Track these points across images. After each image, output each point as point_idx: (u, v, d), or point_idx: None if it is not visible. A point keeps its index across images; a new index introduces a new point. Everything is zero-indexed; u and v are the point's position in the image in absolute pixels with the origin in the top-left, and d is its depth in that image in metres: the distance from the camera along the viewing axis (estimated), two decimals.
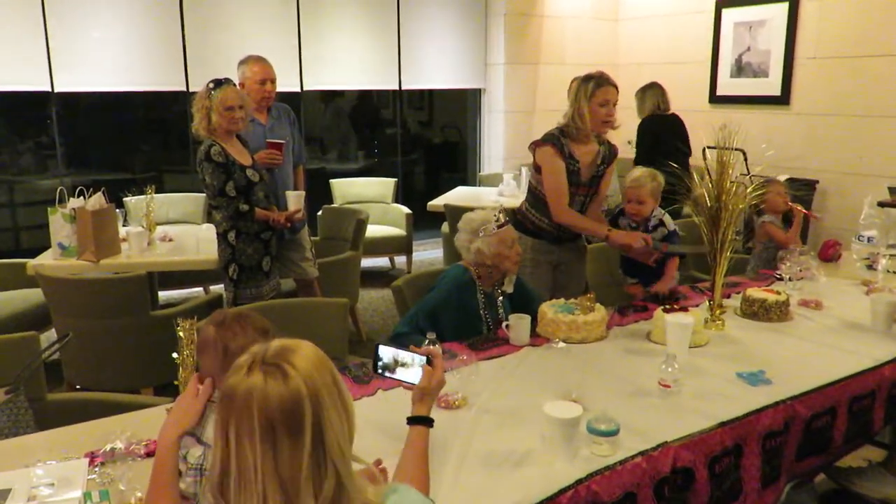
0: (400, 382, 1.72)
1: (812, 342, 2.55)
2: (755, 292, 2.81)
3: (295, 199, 3.56)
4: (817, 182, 5.74)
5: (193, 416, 1.47)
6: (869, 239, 4.08)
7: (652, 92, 5.35)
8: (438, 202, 5.46)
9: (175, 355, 1.79)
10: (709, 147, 5.95)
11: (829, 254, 3.55)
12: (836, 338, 2.59)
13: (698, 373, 2.27)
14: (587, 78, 3.13)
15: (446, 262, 5.55)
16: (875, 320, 2.64)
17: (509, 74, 7.07)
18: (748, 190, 2.63)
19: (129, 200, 4.92)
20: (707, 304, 2.72)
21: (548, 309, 2.63)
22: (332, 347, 2.51)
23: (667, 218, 3.19)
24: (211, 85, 3.23)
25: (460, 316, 2.76)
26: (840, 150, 5.68)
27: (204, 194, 5.40)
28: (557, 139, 3.16)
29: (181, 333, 1.77)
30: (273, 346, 1.13)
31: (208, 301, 3.61)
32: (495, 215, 2.81)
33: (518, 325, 2.51)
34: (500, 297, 2.90)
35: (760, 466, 2.02)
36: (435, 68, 6.94)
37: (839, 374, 2.26)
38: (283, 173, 3.84)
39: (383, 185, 6.38)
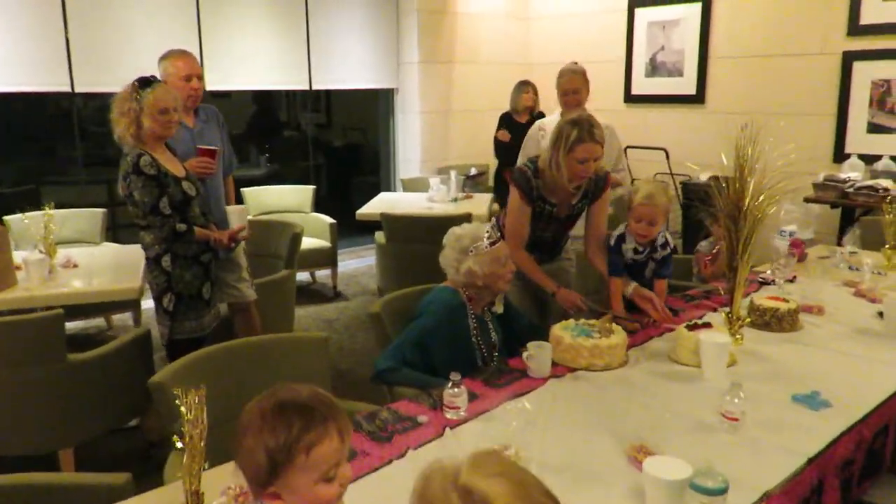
0: None
1: (839, 353, 2.41)
2: (764, 301, 2.65)
3: (238, 215, 3.08)
4: None
5: None
6: (791, 233, 4.14)
7: (526, 88, 5.73)
8: (369, 210, 5.06)
9: (175, 439, 1.35)
10: (630, 147, 5.93)
11: (801, 254, 3.49)
12: (860, 347, 2.46)
13: (748, 397, 2.05)
14: (573, 124, 2.68)
15: (380, 274, 5.15)
16: (890, 325, 2.54)
17: (424, 73, 6.75)
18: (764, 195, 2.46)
19: (11, 219, 4.20)
20: (725, 316, 2.52)
21: (563, 333, 2.35)
22: None
23: (669, 237, 2.90)
24: (137, 85, 2.71)
25: (452, 344, 2.45)
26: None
27: (101, 210, 4.77)
28: (528, 182, 2.80)
29: (183, 408, 1.33)
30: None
31: (134, 339, 3.03)
32: (487, 231, 2.51)
33: (540, 354, 2.20)
34: (490, 319, 2.61)
35: (839, 500, 1.83)
36: (347, 67, 6.51)
37: (890, 388, 2.12)
38: (215, 183, 3.34)
39: (300, 194, 5.87)
